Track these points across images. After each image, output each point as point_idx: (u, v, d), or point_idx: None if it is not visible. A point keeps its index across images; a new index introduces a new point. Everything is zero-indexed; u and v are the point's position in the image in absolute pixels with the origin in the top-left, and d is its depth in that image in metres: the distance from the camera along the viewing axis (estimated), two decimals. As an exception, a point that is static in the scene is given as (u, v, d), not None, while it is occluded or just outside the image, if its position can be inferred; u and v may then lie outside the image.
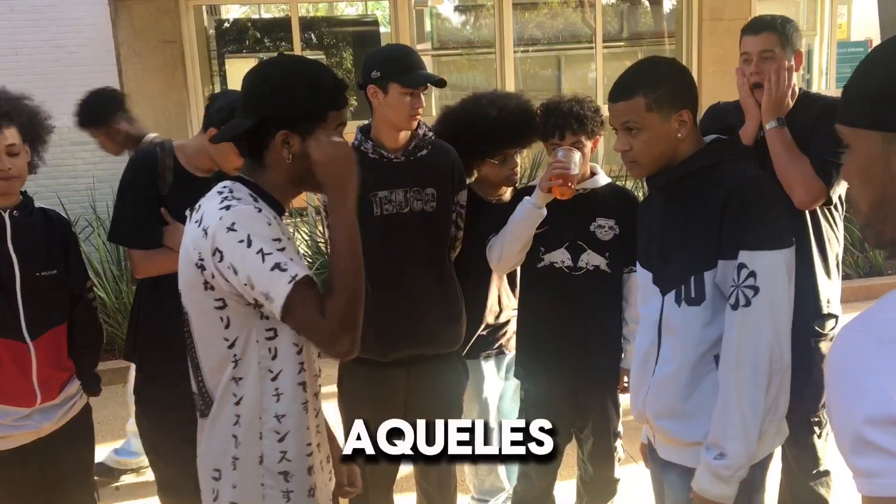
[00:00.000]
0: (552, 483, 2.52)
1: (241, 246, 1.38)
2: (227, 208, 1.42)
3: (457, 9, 12.51)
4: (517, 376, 2.53)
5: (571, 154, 2.24)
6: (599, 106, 2.38)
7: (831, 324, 2.42)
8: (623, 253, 2.30)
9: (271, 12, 11.27)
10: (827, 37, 7.67)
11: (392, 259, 2.29)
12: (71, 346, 2.20)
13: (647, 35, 11.08)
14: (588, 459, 2.49)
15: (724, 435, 1.58)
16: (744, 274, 1.56)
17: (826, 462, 2.48)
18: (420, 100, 2.24)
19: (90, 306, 2.28)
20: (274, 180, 1.50)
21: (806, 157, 2.26)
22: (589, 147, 2.35)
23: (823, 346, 2.41)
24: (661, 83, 1.66)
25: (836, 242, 2.43)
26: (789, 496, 2.55)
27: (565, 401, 2.40)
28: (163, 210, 2.24)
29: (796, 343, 1.66)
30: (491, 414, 2.74)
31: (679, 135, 1.67)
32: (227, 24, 10.45)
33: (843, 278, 2.53)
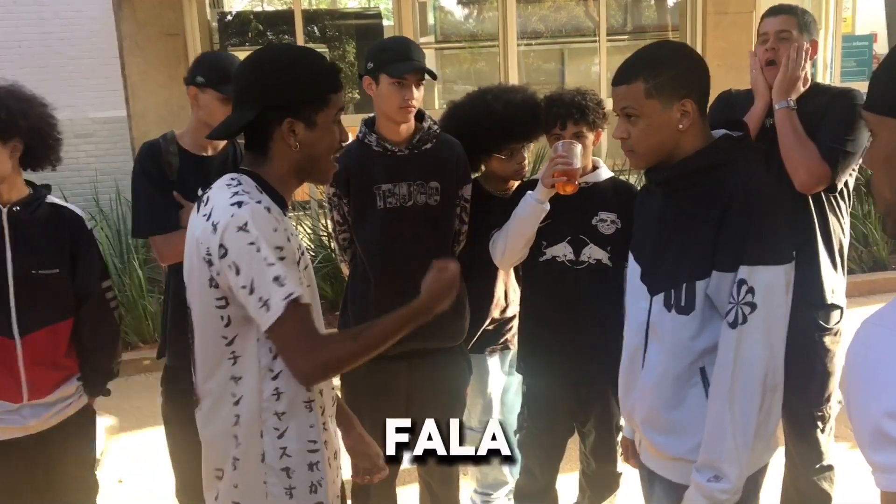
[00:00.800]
0: (554, 477, 2.51)
1: (251, 249, 1.37)
2: (240, 205, 1.40)
3: (460, 2, 12.48)
4: (519, 370, 2.52)
5: (572, 147, 2.22)
6: (602, 99, 2.37)
7: (835, 317, 2.41)
8: (625, 247, 2.29)
9: (274, 5, 11.26)
10: (832, 30, 7.62)
11: (395, 252, 2.28)
12: (78, 345, 2.14)
13: (651, 28, 11.05)
14: (590, 453, 2.48)
15: (721, 458, 1.52)
16: (743, 290, 1.49)
17: (829, 457, 2.47)
18: (411, 91, 2.20)
19: (103, 305, 2.18)
20: (278, 172, 1.49)
21: (812, 143, 2.26)
22: (591, 139, 2.33)
23: (827, 341, 2.40)
24: (664, 69, 1.57)
25: (842, 233, 2.42)
26: (793, 491, 2.54)
27: (567, 395, 2.40)
28: (175, 193, 2.27)
29: (799, 336, 1.63)
30: (495, 409, 2.73)
31: (681, 126, 1.57)
32: (230, 17, 10.44)
33: (847, 273, 2.51)
